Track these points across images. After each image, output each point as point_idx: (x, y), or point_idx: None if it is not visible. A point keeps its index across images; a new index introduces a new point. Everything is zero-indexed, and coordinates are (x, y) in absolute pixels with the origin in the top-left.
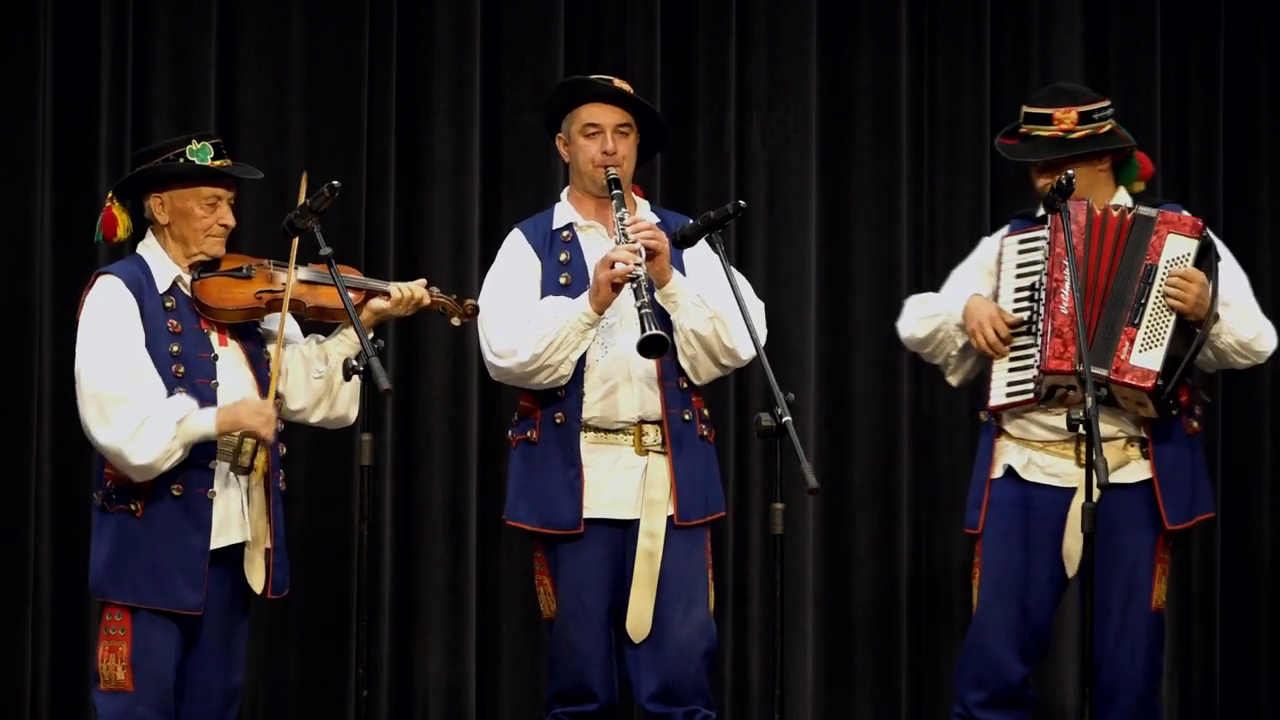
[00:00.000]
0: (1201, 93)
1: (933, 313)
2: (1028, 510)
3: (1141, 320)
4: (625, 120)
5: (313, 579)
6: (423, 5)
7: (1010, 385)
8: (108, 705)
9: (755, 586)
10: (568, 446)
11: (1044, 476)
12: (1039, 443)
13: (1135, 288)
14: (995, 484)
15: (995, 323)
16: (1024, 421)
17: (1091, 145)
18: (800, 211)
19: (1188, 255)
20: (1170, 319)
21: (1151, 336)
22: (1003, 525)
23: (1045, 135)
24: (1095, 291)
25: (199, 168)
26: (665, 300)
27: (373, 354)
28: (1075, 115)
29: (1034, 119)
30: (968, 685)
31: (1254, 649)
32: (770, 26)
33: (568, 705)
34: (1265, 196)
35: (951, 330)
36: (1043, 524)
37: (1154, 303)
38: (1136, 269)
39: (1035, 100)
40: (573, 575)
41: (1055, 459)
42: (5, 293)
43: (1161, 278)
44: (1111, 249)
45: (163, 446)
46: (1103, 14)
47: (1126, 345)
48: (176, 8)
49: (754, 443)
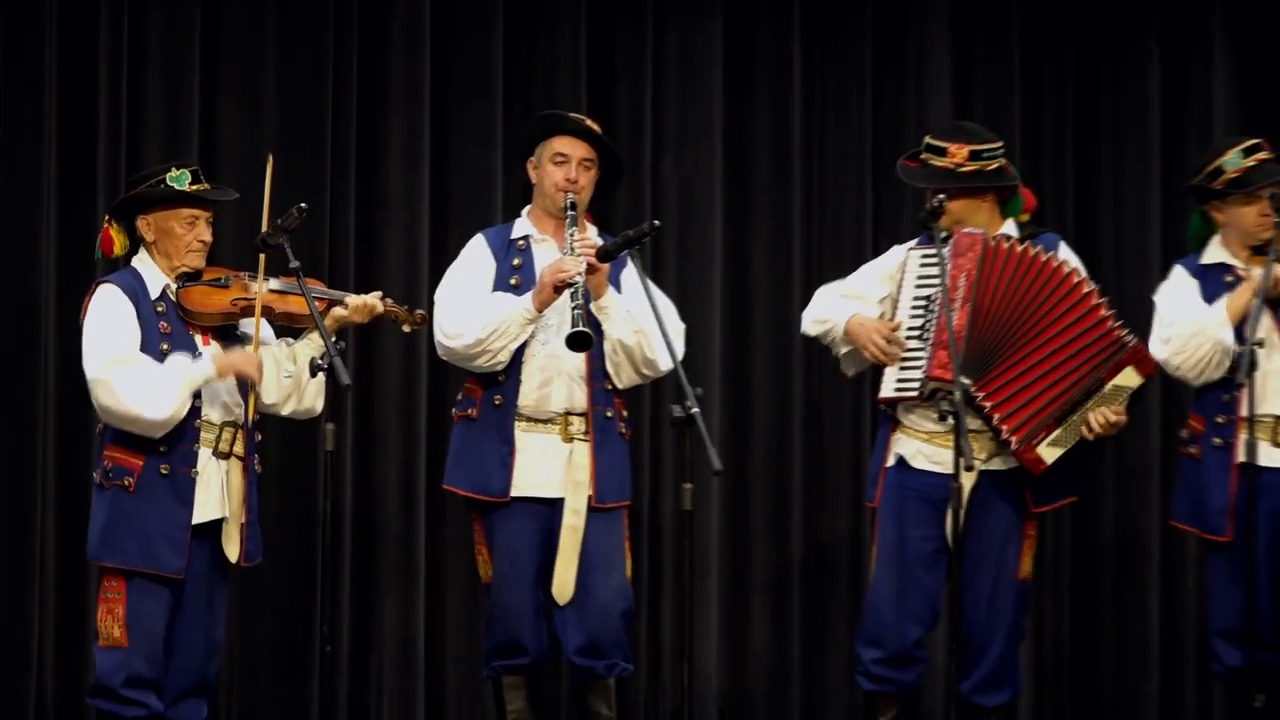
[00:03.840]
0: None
1: (824, 318)
2: (915, 493)
3: (1065, 423)
4: (590, 155)
5: (283, 549)
6: (379, 53)
7: (899, 382)
8: (106, 659)
9: (667, 556)
10: (503, 426)
11: (929, 464)
12: (925, 434)
13: (1078, 394)
14: (889, 470)
15: (881, 334)
16: (913, 415)
17: (976, 180)
18: (706, 233)
19: (1130, 391)
20: (1079, 435)
21: (1061, 439)
22: (894, 506)
23: (938, 165)
24: (982, 314)
25: (177, 192)
26: (599, 311)
27: (335, 354)
28: (967, 152)
29: (932, 149)
30: (866, 645)
31: (1097, 615)
32: (680, 72)
33: (504, 659)
34: (1107, 225)
35: (837, 337)
36: (927, 505)
37: (1080, 414)
38: (1091, 377)
39: (937, 133)
40: (507, 546)
41: (938, 449)
42: (13, 299)
43: (1104, 401)
44: (998, 277)
45: (175, 402)
46: (968, 61)
47: (1044, 435)
48: (166, 50)
49: (667, 431)
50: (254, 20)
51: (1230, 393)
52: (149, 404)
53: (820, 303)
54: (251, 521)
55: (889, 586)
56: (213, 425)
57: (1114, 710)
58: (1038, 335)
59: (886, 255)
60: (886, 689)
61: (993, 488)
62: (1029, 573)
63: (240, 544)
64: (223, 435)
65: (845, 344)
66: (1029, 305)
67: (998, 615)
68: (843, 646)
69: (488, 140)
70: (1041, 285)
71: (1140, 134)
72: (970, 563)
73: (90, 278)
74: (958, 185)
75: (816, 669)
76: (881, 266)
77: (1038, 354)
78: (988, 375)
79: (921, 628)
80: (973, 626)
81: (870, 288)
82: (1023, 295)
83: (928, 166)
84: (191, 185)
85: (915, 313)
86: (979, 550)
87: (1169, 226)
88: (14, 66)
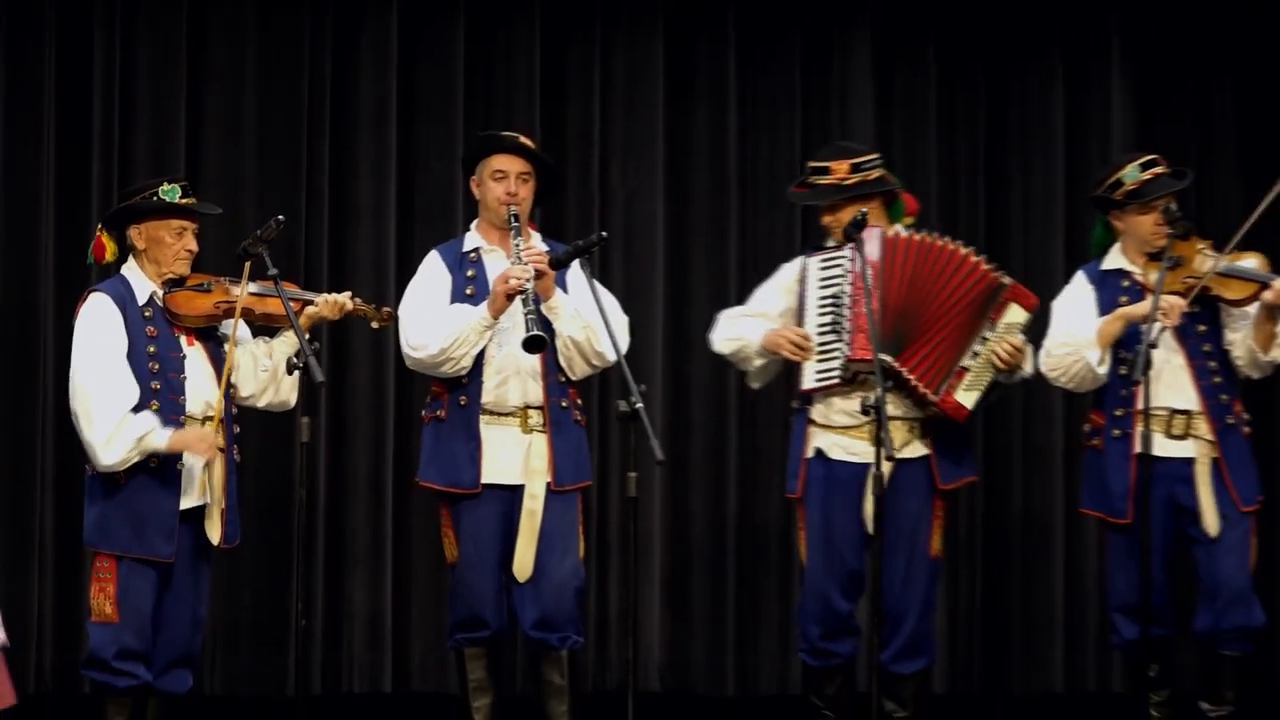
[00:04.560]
0: (967, 136)
1: (736, 336)
2: (836, 482)
3: (972, 366)
4: (527, 169)
5: (262, 533)
6: (350, 76)
7: (819, 374)
8: (98, 634)
9: (614, 538)
10: (469, 424)
11: (845, 455)
12: (840, 428)
13: (976, 337)
14: (809, 462)
15: (795, 334)
16: (827, 410)
17: (862, 190)
18: (649, 238)
19: (1021, 324)
20: (990, 374)
21: (974, 382)
22: (819, 495)
23: (825, 183)
24: (890, 300)
25: (168, 204)
26: (549, 312)
27: (310, 353)
28: (848, 166)
29: (816, 171)
30: (809, 623)
31: (1007, 589)
32: (626, 91)
33: (466, 632)
34: (1016, 233)
35: (752, 352)
36: (847, 491)
37: (986, 356)
38: (980, 321)
39: (817, 156)
40: (471, 529)
41: (853, 440)
42: (15, 302)
43: (1000, 337)
44: (908, 264)
45: (122, 455)
46: (888, 80)
47: (957, 381)
48: (154, 75)
49: (614, 424)
50: (235, 50)
51: (1127, 389)
52: (105, 450)
53: (727, 325)
54: (231, 507)
55: (822, 568)
56: (195, 420)
57: (1021, 677)
58: (938, 305)
59: (781, 272)
60: (829, 663)
61: (906, 474)
62: (940, 551)
63: (221, 528)
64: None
65: (760, 356)
66: (927, 282)
67: (912, 590)
68: (773, 619)
69: (449, 156)
70: (933, 262)
71: (1046, 149)
72: (887, 543)
73: (84, 283)
74: (844, 196)
75: (750, 640)
76: (779, 283)
77: (940, 320)
78: (904, 350)
79: (852, 604)
80: (890, 601)
81: (771, 304)
82: (923, 275)
83: (815, 187)
84: (181, 198)
85: (824, 311)
86: (894, 532)
87: (1072, 234)
88: (15, 93)
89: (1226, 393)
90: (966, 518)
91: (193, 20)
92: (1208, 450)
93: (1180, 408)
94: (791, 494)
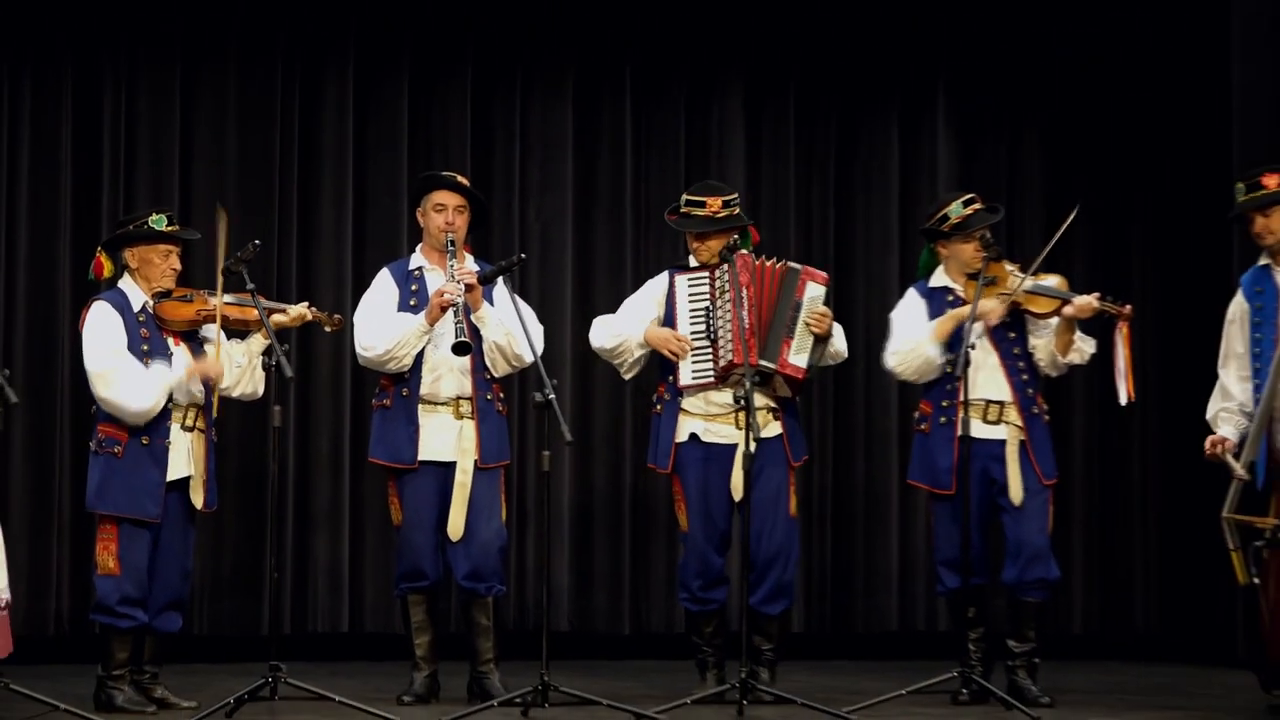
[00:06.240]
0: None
1: (616, 333)
2: (709, 461)
3: (794, 335)
4: (462, 203)
5: (241, 501)
6: (315, 121)
7: (695, 373)
8: (103, 584)
9: (531, 506)
10: (410, 411)
11: (717, 438)
12: (707, 416)
13: (789, 314)
14: (684, 445)
15: (674, 336)
16: (702, 402)
17: (729, 222)
18: (560, 261)
19: (821, 296)
20: (810, 337)
21: (800, 346)
22: (696, 471)
23: (700, 214)
24: (760, 312)
25: (156, 232)
26: (477, 320)
27: (280, 353)
28: (720, 202)
29: (693, 203)
30: (690, 577)
31: (852, 546)
32: (542, 137)
33: (409, 582)
34: (859, 257)
35: (633, 345)
36: (718, 467)
37: (801, 325)
38: (789, 301)
39: (694, 190)
40: (412, 497)
41: (721, 425)
42: (38, 313)
43: (806, 309)
44: (766, 285)
45: (155, 399)
46: (757, 129)
47: (785, 350)
48: (153, 123)
49: (531, 412)
50: (219, 100)
51: (952, 383)
52: (135, 399)
53: (604, 327)
54: (210, 476)
55: (701, 532)
56: (179, 407)
57: (864, 618)
58: (777, 307)
59: (648, 287)
60: (707, 608)
61: (766, 451)
62: (796, 512)
63: (203, 494)
64: (188, 414)
65: (640, 348)
66: (772, 293)
67: (776, 545)
68: (660, 570)
69: (396, 192)
70: (774, 278)
71: (884, 187)
72: (754, 507)
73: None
74: (717, 227)
75: (642, 589)
76: (648, 295)
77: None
78: (766, 350)
79: (723, 558)
80: (758, 555)
81: (642, 313)
82: (768, 289)
83: (693, 216)
84: (167, 227)
85: (695, 320)
86: (759, 497)
87: (905, 257)
88: (38, 142)
89: (1032, 387)
90: (818, 487)
91: (185, 76)
92: (1016, 434)
93: (995, 398)
94: (663, 469)
